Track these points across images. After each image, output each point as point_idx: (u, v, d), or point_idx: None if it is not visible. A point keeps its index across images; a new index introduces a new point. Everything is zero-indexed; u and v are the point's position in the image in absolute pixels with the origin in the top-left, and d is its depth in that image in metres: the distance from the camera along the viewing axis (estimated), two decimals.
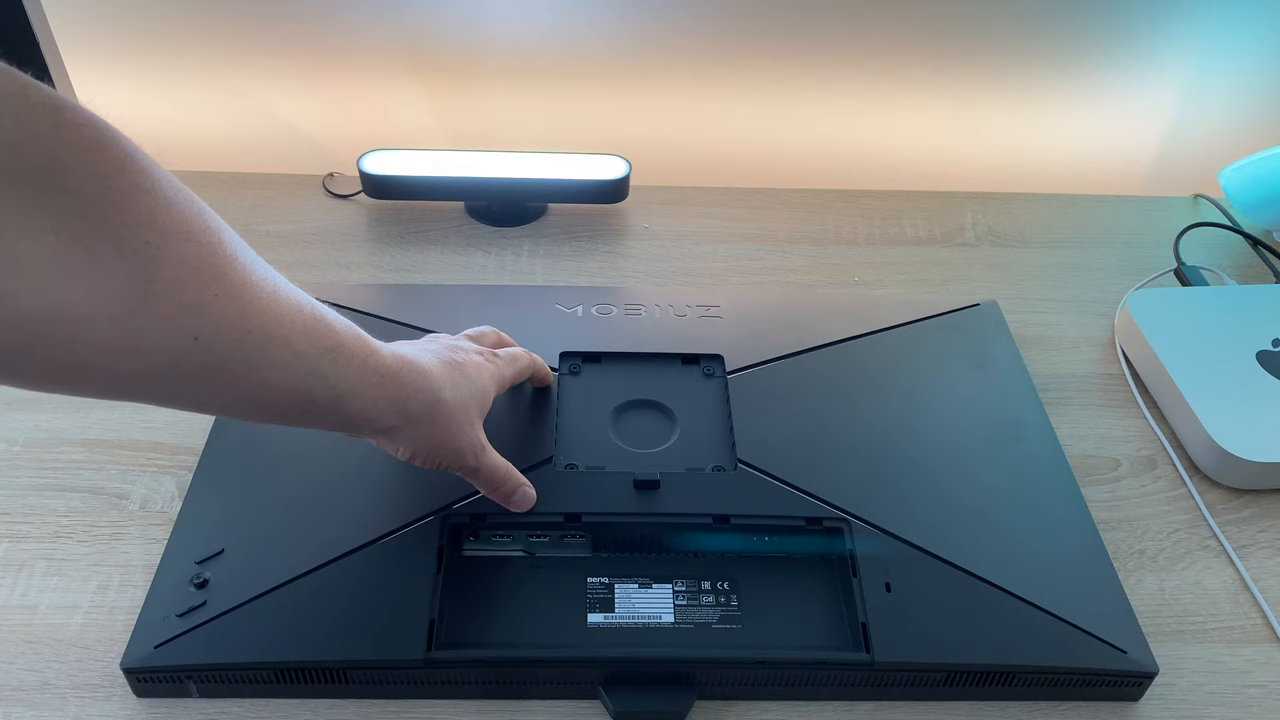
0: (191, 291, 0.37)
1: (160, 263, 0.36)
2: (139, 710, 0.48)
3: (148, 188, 0.36)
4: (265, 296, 0.40)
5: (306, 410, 0.44)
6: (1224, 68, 0.86)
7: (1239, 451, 0.60)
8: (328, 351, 0.43)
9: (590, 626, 0.50)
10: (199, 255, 0.37)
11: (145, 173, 0.36)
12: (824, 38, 0.83)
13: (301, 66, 0.84)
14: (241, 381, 0.40)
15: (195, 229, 0.37)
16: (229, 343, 0.39)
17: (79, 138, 0.34)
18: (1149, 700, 0.51)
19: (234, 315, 0.39)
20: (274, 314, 0.40)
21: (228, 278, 0.38)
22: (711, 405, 0.61)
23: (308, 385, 0.43)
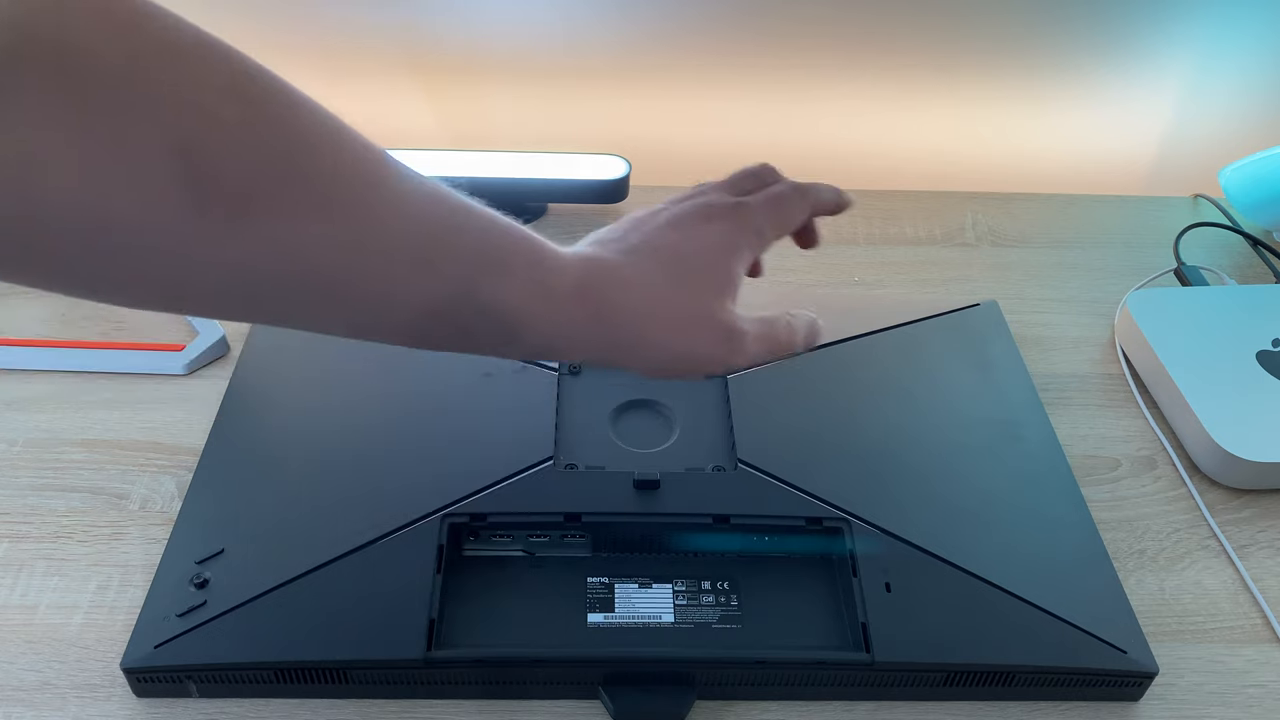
0: (254, 181, 0.32)
1: (210, 154, 0.31)
2: (139, 710, 0.48)
3: (196, 72, 0.31)
4: (375, 199, 0.34)
5: (461, 340, 0.38)
6: (1224, 68, 0.86)
7: (1239, 451, 0.60)
8: (491, 265, 0.36)
9: (590, 626, 0.50)
10: (262, 143, 0.32)
11: (199, 51, 0.32)
12: (824, 38, 0.83)
13: (301, 66, 0.84)
14: (334, 301, 0.35)
15: (265, 117, 0.33)
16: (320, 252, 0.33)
17: (109, 19, 0.30)
18: (1149, 700, 0.51)
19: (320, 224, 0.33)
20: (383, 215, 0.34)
21: (303, 174, 0.33)
22: (711, 405, 0.61)
23: (450, 307, 0.36)
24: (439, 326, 0.38)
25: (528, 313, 0.38)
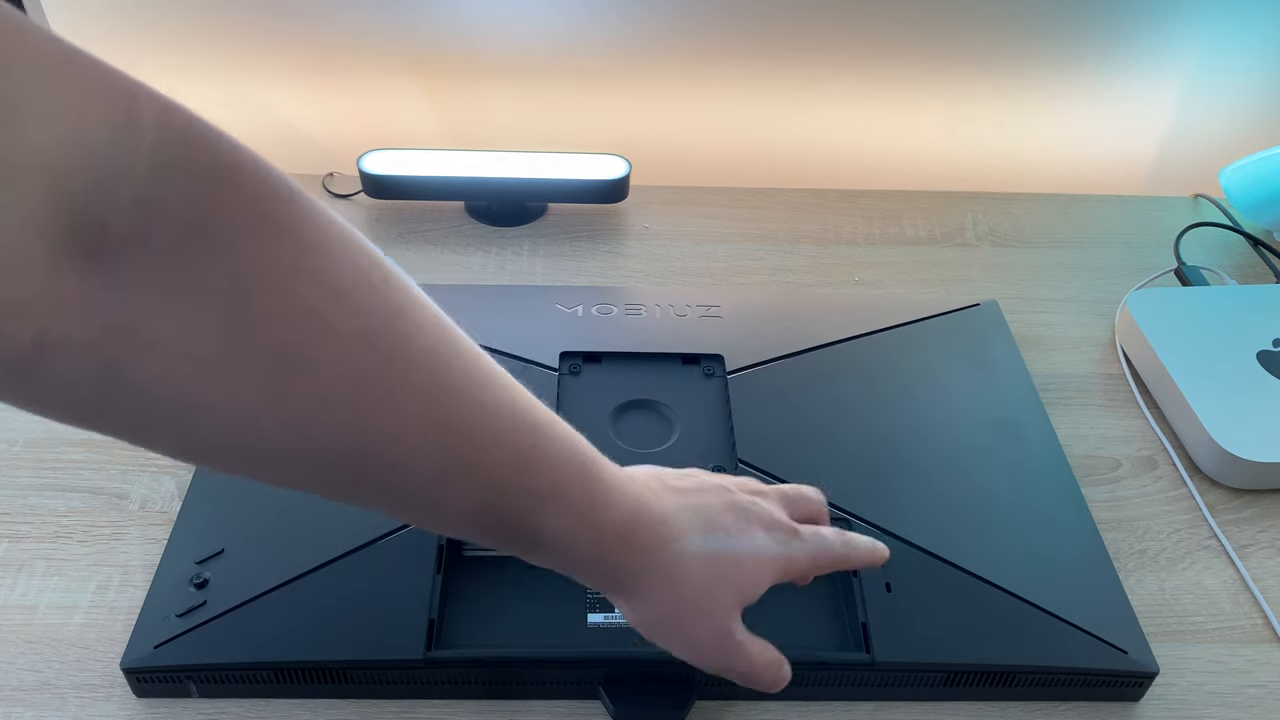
0: (349, 403, 0.32)
1: (309, 364, 0.31)
2: (139, 710, 0.48)
3: (315, 276, 0.31)
4: (460, 417, 0.34)
5: (506, 545, 0.38)
6: (1224, 67, 0.86)
7: (1239, 451, 0.60)
8: (536, 495, 0.36)
9: (590, 627, 0.50)
10: (367, 365, 0.32)
11: (318, 254, 0.31)
12: (824, 38, 0.83)
13: (301, 66, 0.84)
14: (406, 505, 0.36)
15: (372, 330, 0.32)
16: (396, 463, 0.33)
17: (241, 210, 0.30)
18: (1149, 700, 0.51)
19: (397, 432, 0.33)
20: (468, 437, 0.34)
21: (404, 392, 0.33)
22: (712, 405, 0.61)
23: (502, 524, 0.37)
24: (482, 535, 0.39)
25: (569, 546, 0.39)
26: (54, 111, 0.27)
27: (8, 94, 0.26)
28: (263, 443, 0.32)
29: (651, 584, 0.40)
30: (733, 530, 0.41)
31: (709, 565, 0.40)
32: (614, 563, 0.39)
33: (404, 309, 0.33)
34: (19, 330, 0.27)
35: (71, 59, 0.28)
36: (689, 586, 0.40)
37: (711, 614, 0.41)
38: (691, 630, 0.41)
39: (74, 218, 0.27)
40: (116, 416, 0.31)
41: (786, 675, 0.43)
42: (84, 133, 0.27)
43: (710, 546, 0.40)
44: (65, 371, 0.29)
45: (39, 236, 0.27)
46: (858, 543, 0.45)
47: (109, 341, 0.29)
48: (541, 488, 0.37)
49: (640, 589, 0.40)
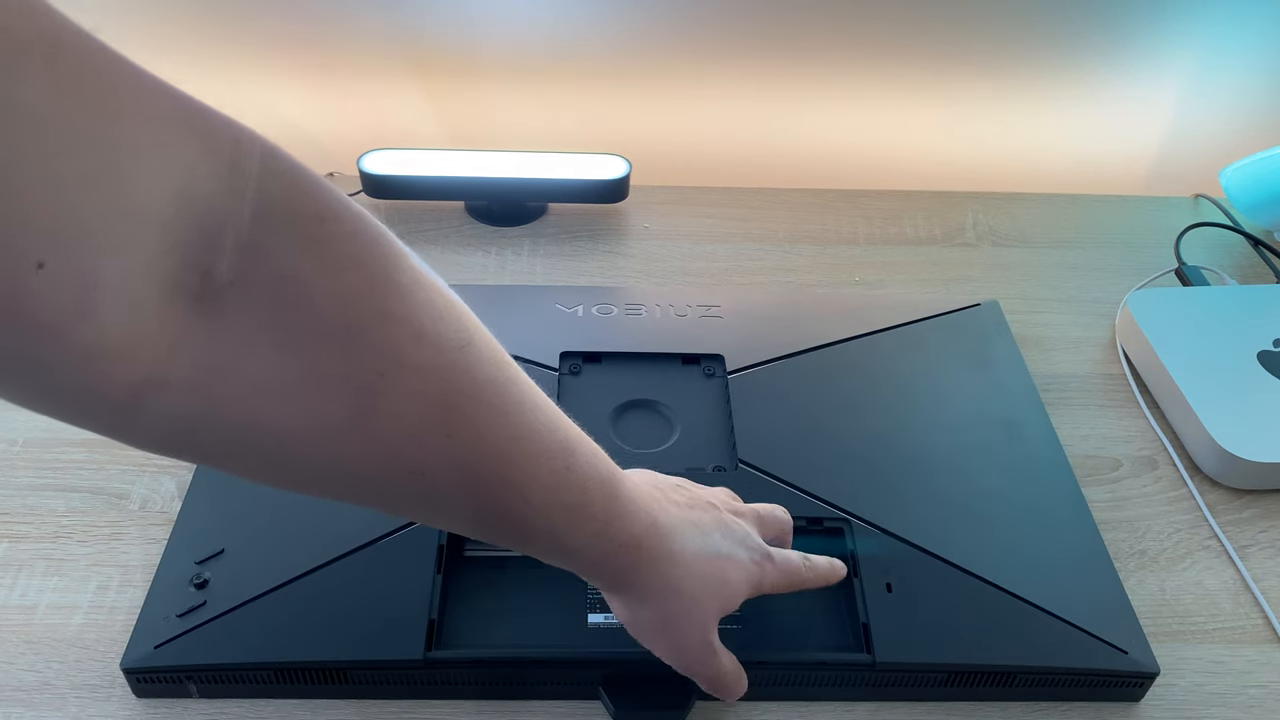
0: (417, 431, 0.34)
1: (388, 396, 0.33)
2: (139, 710, 0.48)
3: (399, 315, 0.32)
4: (508, 440, 0.36)
5: (525, 547, 0.41)
6: (1225, 67, 0.86)
7: (1240, 452, 0.60)
8: (566, 509, 0.39)
9: (590, 627, 0.50)
10: (439, 394, 0.34)
11: (403, 296, 0.33)
12: (824, 38, 0.83)
13: (301, 66, 0.84)
14: (457, 515, 0.38)
15: (446, 365, 0.34)
16: (451, 484, 0.36)
17: (335, 254, 0.31)
18: (1150, 701, 0.51)
19: (463, 458, 0.35)
20: (513, 460, 0.36)
21: (467, 420, 0.35)
22: (712, 405, 0.61)
23: (533, 534, 0.39)
24: (505, 540, 0.41)
25: (586, 554, 0.41)
26: (167, 159, 0.28)
27: (128, 143, 0.26)
28: (338, 466, 0.34)
29: (651, 589, 0.43)
30: (722, 549, 0.45)
31: (701, 579, 0.43)
32: (622, 568, 0.42)
33: (471, 341, 0.35)
34: (125, 374, 0.28)
35: (179, 104, 0.29)
36: (683, 596, 0.43)
37: (698, 622, 0.44)
38: (679, 635, 0.44)
39: (184, 264, 0.28)
40: (206, 448, 0.33)
41: (744, 687, 0.47)
42: (194, 181, 0.28)
43: (703, 563, 0.44)
44: (165, 410, 0.30)
45: (151, 284, 0.28)
46: (818, 564, 0.49)
47: (207, 380, 0.30)
48: (570, 503, 0.39)
49: (640, 592, 0.43)
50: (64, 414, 0.30)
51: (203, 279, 0.29)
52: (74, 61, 0.26)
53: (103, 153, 0.26)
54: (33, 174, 0.24)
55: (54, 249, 0.25)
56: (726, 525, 0.46)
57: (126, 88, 0.27)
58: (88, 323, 0.27)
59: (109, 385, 0.28)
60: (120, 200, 0.26)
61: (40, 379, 0.28)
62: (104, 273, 0.26)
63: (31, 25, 0.24)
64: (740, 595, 0.45)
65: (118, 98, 0.27)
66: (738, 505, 0.49)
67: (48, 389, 0.29)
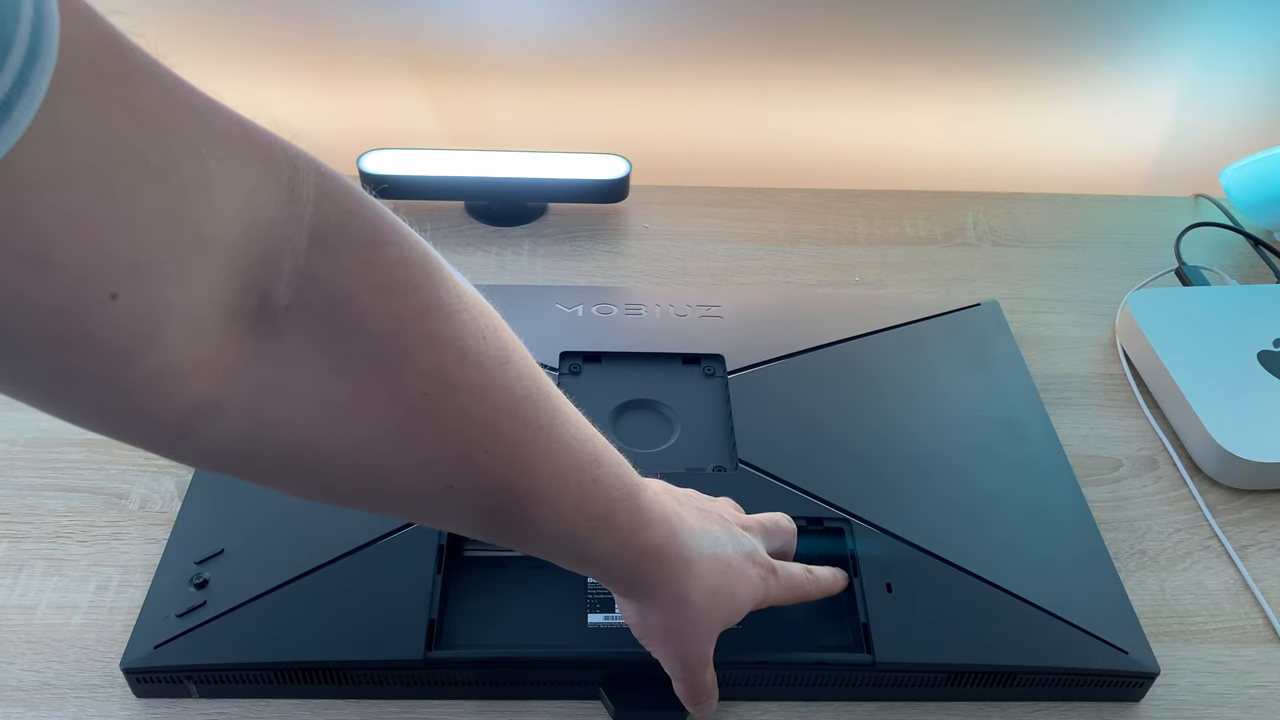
0: (459, 447, 0.35)
1: (433, 416, 0.34)
2: (139, 710, 0.48)
3: (446, 337, 0.33)
4: (542, 454, 0.37)
5: (548, 555, 0.41)
6: (1225, 67, 0.86)
7: (1240, 452, 0.60)
8: (592, 519, 0.39)
9: (590, 627, 0.50)
10: (481, 412, 0.35)
11: (449, 319, 0.33)
12: (824, 37, 0.83)
13: (301, 66, 0.84)
14: (489, 525, 0.39)
15: (487, 383, 0.35)
16: (486, 495, 0.37)
17: (387, 279, 0.32)
18: (1150, 701, 0.51)
19: (500, 472, 0.36)
20: (546, 473, 0.37)
21: (505, 437, 0.36)
22: (712, 405, 0.61)
23: (558, 542, 0.40)
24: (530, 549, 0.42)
25: (608, 562, 0.42)
26: (234, 187, 0.28)
27: (200, 173, 0.27)
28: (381, 482, 0.35)
29: (665, 598, 0.43)
30: (734, 564, 0.45)
31: (712, 593, 0.44)
32: (640, 575, 0.42)
33: (509, 359, 0.36)
34: (181, 396, 0.29)
35: (243, 129, 0.29)
36: (694, 606, 0.43)
37: (704, 633, 0.45)
38: (684, 643, 0.45)
39: (244, 289, 0.29)
40: (257, 465, 0.33)
41: (714, 705, 0.48)
42: (257, 207, 0.29)
43: (716, 576, 0.44)
44: (219, 432, 0.30)
45: (214, 309, 0.28)
46: (820, 576, 0.49)
47: (260, 402, 0.31)
48: (597, 514, 0.39)
49: (653, 600, 0.43)
50: (118, 433, 0.30)
51: (261, 303, 0.30)
52: (150, 92, 0.26)
53: (177, 183, 0.26)
54: (112, 208, 0.24)
55: (127, 281, 0.25)
56: (737, 539, 0.46)
57: (198, 116, 0.28)
58: (155, 349, 0.27)
59: (167, 408, 0.29)
60: (192, 230, 0.27)
61: (102, 401, 0.28)
62: (172, 300, 0.27)
63: (111, 57, 0.25)
64: (745, 609, 0.46)
65: (190, 127, 0.27)
66: (744, 518, 0.49)
67: (107, 410, 0.29)
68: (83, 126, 0.23)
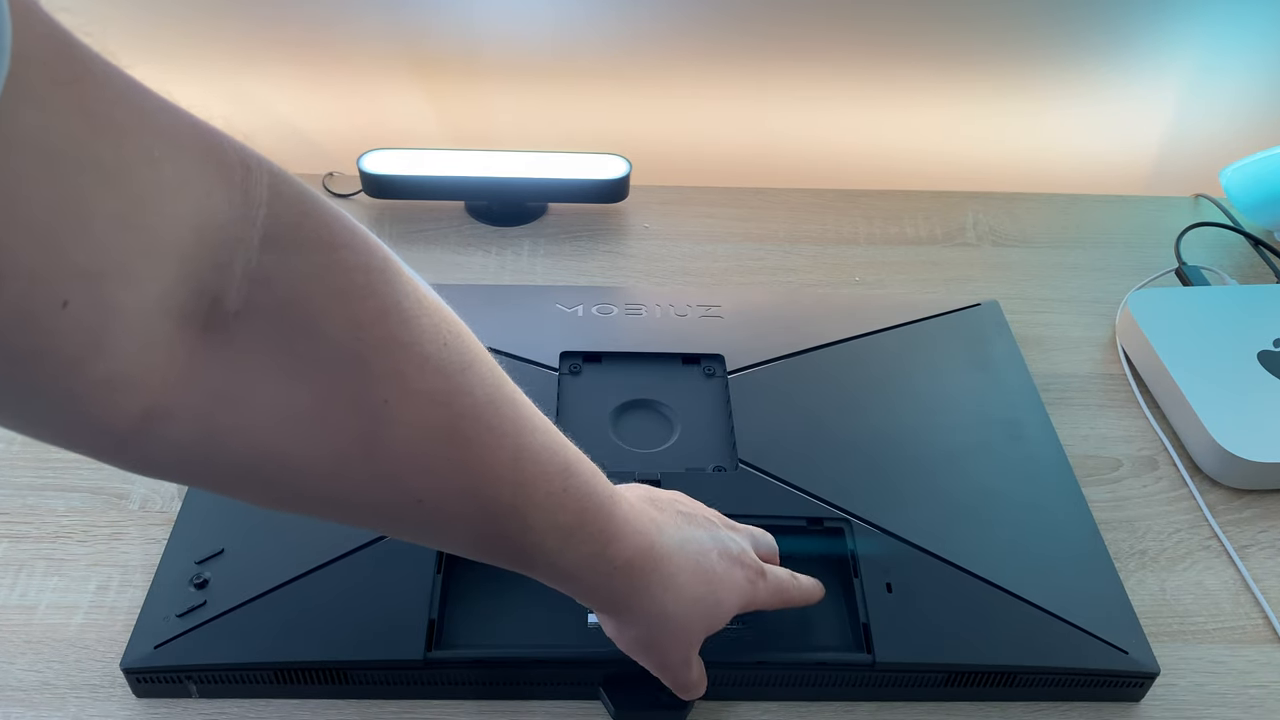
0: (423, 457, 0.34)
1: (395, 424, 0.33)
2: (139, 710, 0.48)
3: (405, 341, 0.33)
4: (508, 462, 0.36)
5: (525, 570, 0.40)
6: (1225, 67, 0.86)
7: (1240, 452, 0.60)
8: (562, 530, 0.38)
9: (590, 627, 0.50)
10: (443, 419, 0.34)
11: (408, 324, 0.33)
12: (824, 37, 0.83)
13: (301, 66, 0.84)
14: (457, 539, 0.38)
15: (450, 389, 0.34)
16: (452, 507, 0.36)
17: (344, 282, 0.31)
18: (1150, 701, 0.51)
19: (465, 482, 0.35)
20: (513, 483, 0.36)
21: (470, 445, 0.35)
22: (712, 405, 0.61)
23: (530, 555, 0.39)
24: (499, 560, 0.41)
25: (580, 576, 0.41)
26: (187, 190, 0.27)
27: (154, 178, 0.26)
28: (345, 494, 0.34)
29: (643, 612, 0.43)
30: (718, 569, 0.44)
31: (694, 603, 0.43)
32: (618, 590, 0.42)
33: (470, 364, 0.35)
34: (131, 403, 0.28)
35: (196, 131, 0.28)
36: (675, 620, 0.43)
37: (684, 642, 0.44)
38: (666, 653, 0.45)
39: (196, 292, 0.28)
40: (213, 474, 0.33)
41: (703, 689, 0.47)
42: (210, 210, 0.28)
43: (698, 585, 0.43)
44: (169, 438, 0.30)
45: (165, 314, 0.28)
46: (803, 582, 0.49)
47: (213, 408, 0.30)
48: (566, 524, 0.38)
49: (632, 613, 0.43)
50: (67, 442, 0.30)
51: (211, 307, 0.29)
52: (103, 95, 0.25)
53: (131, 189, 0.26)
54: (67, 215, 0.24)
55: (80, 288, 0.25)
56: (723, 542, 0.46)
57: (151, 119, 0.27)
58: (104, 355, 0.26)
59: (116, 415, 0.28)
60: (146, 236, 0.26)
61: (49, 409, 0.28)
62: (123, 305, 0.26)
63: (63, 60, 0.24)
64: (730, 615, 0.45)
65: (144, 130, 0.26)
66: (731, 522, 0.49)
67: (54, 418, 0.28)
68: (36, 132, 0.23)
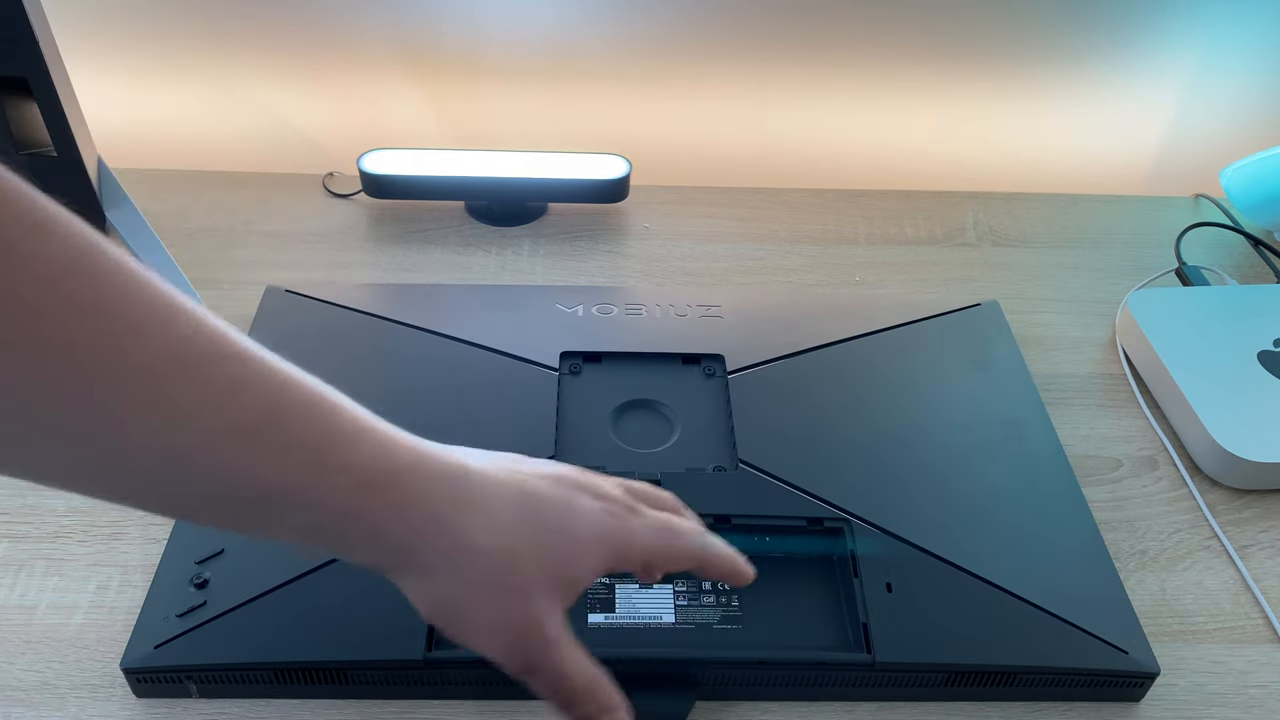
0: (54, 374, 0.27)
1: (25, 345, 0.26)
2: (139, 710, 0.48)
3: (38, 258, 0.27)
4: (127, 341, 0.28)
5: (226, 512, 0.31)
6: (1225, 67, 0.86)
7: (1240, 452, 0.60)
8: (237, 432, 0.30)
9: (591, 626, 0.50)
10: (70, 331, 0.27)
11: (39, 233, 0.27)
12: (824, 37, 0.83)
13: (301, 66, 0.84)
14: (142, 488, 0.30)
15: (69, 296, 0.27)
16: (74, 423, 0.28)
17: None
18: (1150, 701, 0.51)
19: (83, 384, 0.28)
20: (154, 371, 0.28)
21: (86, 345, 0.28)
22: (712, 405, 0.61)
23: (205, 476, 0.30)
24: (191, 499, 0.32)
25: (303, 500, 0.32)
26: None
27: None
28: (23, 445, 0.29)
29: (436, 553, 0.33)
30: (555, 496, 0.35)
31: (520, 532, 0.33)
32: (370, 520, 0.32)
33: (41, 224, 0.28)
34: None
35: None
36: (486, 558, 0.33)
37: (513, 593, 0.33)
38: (484, 612, 0.33)
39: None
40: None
41: (609, 703, 0.36)
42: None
43: (521, 510, 0.34)
44: None
45: None
46: (718, 545, 0.39)
47: None
48: (247, 425, 0.30)
49: (422, 561, 0.33)
50: None
51: None
52: None
53: None
54: None
55: None
56: (567, 475, 0.36)
57: None
58: None
59: None
60: None
61: None
62: None
63: None
64: (588, 561, 0.35)
65: None
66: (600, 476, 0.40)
67: None
68: None
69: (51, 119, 0.69)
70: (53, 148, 0.70)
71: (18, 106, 0.69)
